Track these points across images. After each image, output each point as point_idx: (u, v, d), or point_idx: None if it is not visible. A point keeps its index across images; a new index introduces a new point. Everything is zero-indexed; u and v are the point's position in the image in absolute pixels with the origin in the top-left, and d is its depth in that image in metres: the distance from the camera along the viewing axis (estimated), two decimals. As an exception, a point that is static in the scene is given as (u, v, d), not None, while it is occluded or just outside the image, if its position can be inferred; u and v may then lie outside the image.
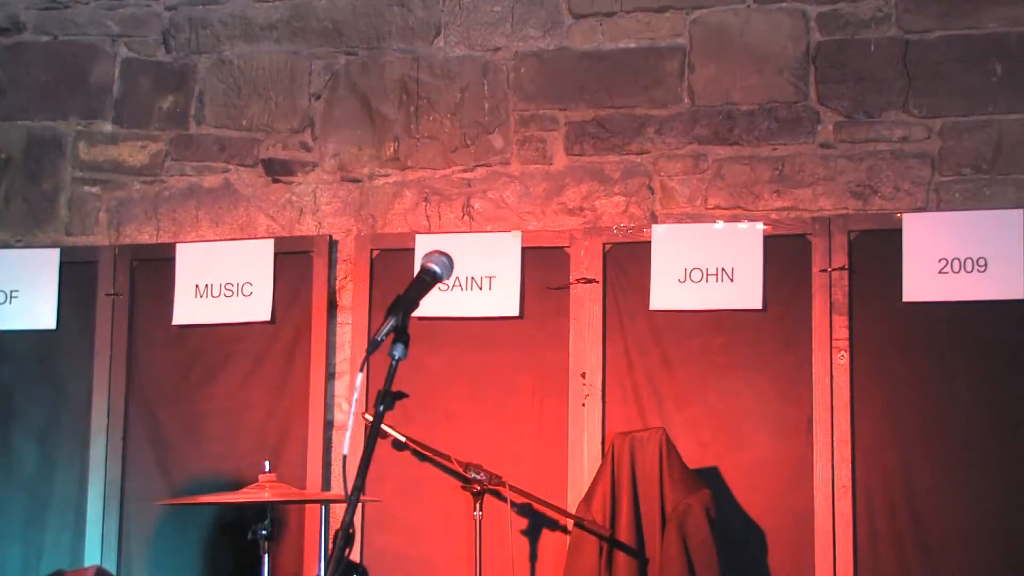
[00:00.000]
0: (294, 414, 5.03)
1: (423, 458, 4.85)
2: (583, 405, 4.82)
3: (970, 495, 4.55)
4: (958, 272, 4.63)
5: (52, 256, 5.29)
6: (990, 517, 4.53)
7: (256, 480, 4.23)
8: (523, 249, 4.96)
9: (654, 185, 5.00)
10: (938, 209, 4.78)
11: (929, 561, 4.55)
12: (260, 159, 5.32)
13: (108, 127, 5.43)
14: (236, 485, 4.46)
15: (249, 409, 5.09)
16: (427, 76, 5.22)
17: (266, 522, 4.14)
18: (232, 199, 5.32)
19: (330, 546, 2.59)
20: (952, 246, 4.64)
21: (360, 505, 3.16)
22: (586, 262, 4.92)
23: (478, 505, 4.40)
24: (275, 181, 5.29)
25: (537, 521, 4.74)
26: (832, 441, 4.64)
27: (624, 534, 4.47)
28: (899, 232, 4.69)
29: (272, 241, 5.18)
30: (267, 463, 4.26)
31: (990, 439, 4.56)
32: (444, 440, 4.82)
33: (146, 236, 5.32)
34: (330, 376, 5.08)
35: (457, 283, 4.93)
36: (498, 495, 4.51)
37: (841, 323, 4.70)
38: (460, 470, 4.51)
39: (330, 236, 5.17)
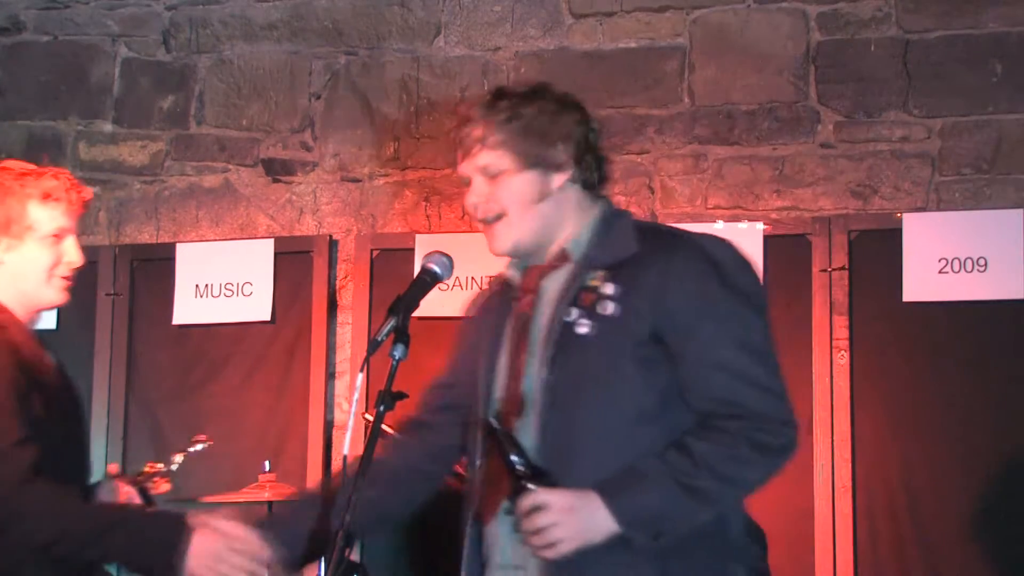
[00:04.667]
0: (294, 414, 5.03)
1: (423, 458, 4.85)
2: (583, 405, 4.81)
3: (970, 495, 4.55)
4: (958, 272, 4.63)
5: (52, 256, 5.29)
6: (990, 517, 4.53)
7: (256, 480, 4.23)
8: (523, 249, 4.95)
9: (654, 185, 5.00)
10: (938, 209, 4.77)
11: (929, 561, 4.55)
12: (260, 159, 5.32)
13: (108, 127, 5.44)
14: (236, 485, 4.46)
15: (249, 409, 5.09)
16: (427, 76, 5.22)
17: (266, 522, 4.14)
18: (232, 199, 5.32)
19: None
20: (952, 246, 4.64)
21: (360, 505, 3.15)
22: (586, 262, 4.91)
23: (478, 505, 4.39)
24: (275, 181, 5.29)
25: (537, 521, 4.73)
26: (832, 441, 4.64)
27: (624, 534, 4.47)
28: (899, 232, 4.69)
29: (272, 241, 5.18)
30: (267, 463, 4.26)
31: (990, 439, 4.56)
32: (444, 440, 4.82)
33: (146, 236, 5.32)
34: (330, 376, 5.08)
35: (457, 283, 4.93)
36: (498, 495, 4.51)
37: (841, 323, 4.70)
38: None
39: (330, 236, 5.17)
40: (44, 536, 2.88)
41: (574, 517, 2.55)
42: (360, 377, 2.84)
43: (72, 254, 3.17)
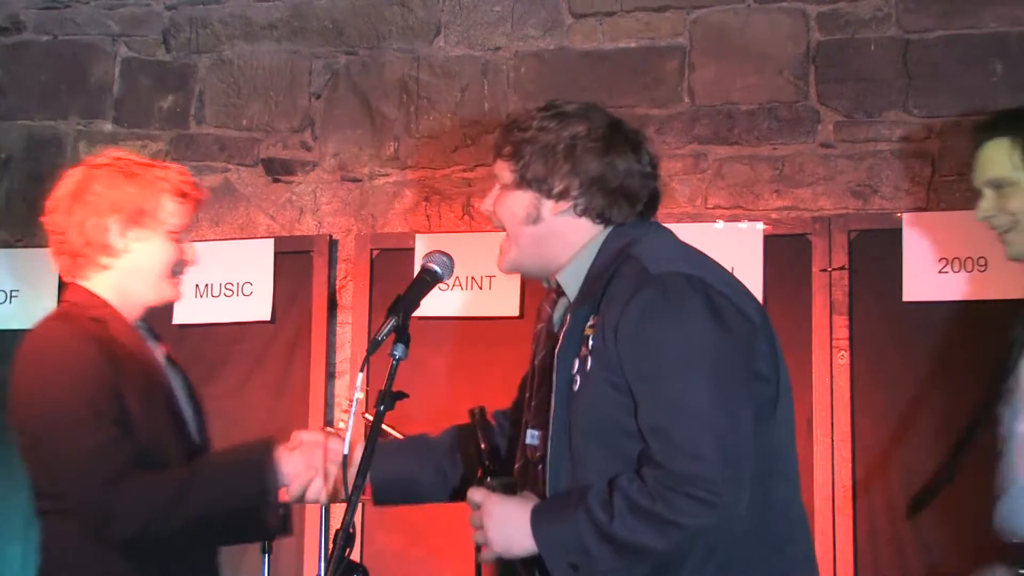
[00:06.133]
0: (294, 414, 5.03)
1: (423, 458, 4.85)
2: (583, 405, 4.81)
3: (970, 495, 4.54)
4: (958, 272, 4.63)
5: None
6: (990, 517, 4.52)
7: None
8: (523, 249, 4.95)
9: (654, 185, 4.99)
10: (938, 209, 4.77)
11: (929, 561, 4.55)
12: (260, 159, 5.32)
13: (108, 127, 5.43)
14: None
15: (249, 409, 5.09)
16: (427, 76, 5.22)
17: (266, 522, 4.14)
18: (232, 199, 5.32)
19: (330, 546, 2.59)
20: (952, 246, 4.64)
21: (360, 505, 3.16)
22: (586, 262, 4.91)
23: (478, 505, 4.39)
24: (275, 181, 5.29)
25: (537, 521, 4.73)
26: (832, 441, 4.64)
27: (624, 534, 4.47)
28: (899, 232, 4.69)
29: (272, 241, 5.18)
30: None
31: (990, 439, 4.55)
32: (444, 440, 4.82)
33: (146, 236, 5.32)
34: (330, 376, 5.08)
35: (457, 283, 4.94)
36: (498, 495, 4.51)
37: (841, 323, 4.70)
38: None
39: (330, 236, 5.17)
40: (134, 525, 2.85)
41: (499, 524, 2.57)
42: (360, 377, 2.84)
43: (191, 253, 3.15)
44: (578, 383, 2.59)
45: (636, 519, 2.47)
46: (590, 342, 2.58)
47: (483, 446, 2.69)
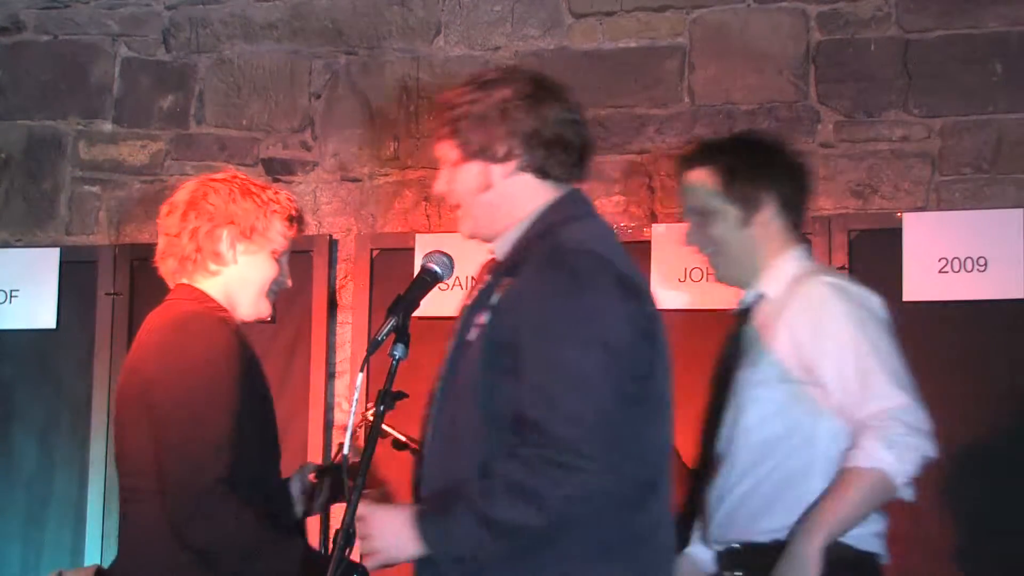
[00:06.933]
0: (294, 414, 5.03)
1: (423, 458, 4.85)
2: (583, 405, 4.81)
3: (970, 495, 4.55)
4: (958, 272, 4.63)
5: (52, 256, 5.28)
6: (990, 517, 4.53)
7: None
8: (523, 249, 4.96)
9: (654, 185, 5.00)
10: (938, 209, 4.77)
11: (929, 561, 4.55)
12: (260, 159, 5.32)
13: (108, 126, 5.43)
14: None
15: (249, 409, 5.08)
16: (427, 76, 5.22)
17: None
18: (232, 199, 5.31)
19: (330, 546, 2.60)
20: (952, 246, 4.64)
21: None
22: (586, 262, 4.91)
23: (478, 505, 4.38)
24: (275, 180, 5.29)
25: (537, 521, 4.73)
26: (832, 441, 4.63)
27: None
28: (899, 232, 4.69)
29: (272, 241, 5.17)
30: None
31: (990, 439, 4.56)
32: (444, 440, 4.82)
33: (146, 236, 5.32)
34: (330, 376, 5.08)
35: (457, 283, 4.93)
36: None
37: (841, 323, 4.68)
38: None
39: (330, 236, 5.17)
40: (203, 540, 2.94)
41: (383, 532, 2.59)
42: (360, 377, 2.85)
43: (287, 275, 3.30)
44: (473, 337, 2.65)
45: (514, 498, 2.50)
46: (494, 301, 2.65)
47: (351, 460, 2.73)
